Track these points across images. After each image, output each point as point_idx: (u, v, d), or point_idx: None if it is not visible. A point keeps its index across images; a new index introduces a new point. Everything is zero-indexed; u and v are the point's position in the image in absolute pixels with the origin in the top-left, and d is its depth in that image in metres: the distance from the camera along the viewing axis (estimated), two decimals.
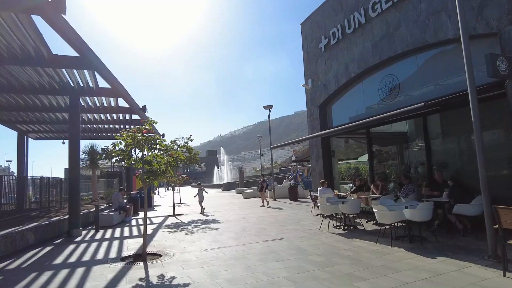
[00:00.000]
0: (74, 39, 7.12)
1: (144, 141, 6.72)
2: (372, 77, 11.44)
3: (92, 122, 15.37)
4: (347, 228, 9.01)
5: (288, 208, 14.71)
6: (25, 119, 14.65)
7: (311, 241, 7.76)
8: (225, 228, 10.36)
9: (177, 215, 14.77)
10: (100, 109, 13.09)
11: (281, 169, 64.77)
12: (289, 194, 19.10)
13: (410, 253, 6.16)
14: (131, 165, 6.99)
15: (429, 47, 9.12)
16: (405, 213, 6.88)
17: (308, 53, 14.54)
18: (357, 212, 8.94)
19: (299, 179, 28.08)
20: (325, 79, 13.31)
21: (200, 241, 8.50)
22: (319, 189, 11.22)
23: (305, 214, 12.41)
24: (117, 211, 13.21)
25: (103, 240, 9.34)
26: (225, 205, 18.33)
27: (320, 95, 13.60)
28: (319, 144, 13.59)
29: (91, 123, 15.42)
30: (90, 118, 15.19)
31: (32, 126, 16.38)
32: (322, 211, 9.25)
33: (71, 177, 10.37)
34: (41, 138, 19.19)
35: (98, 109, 13.11)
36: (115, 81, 9.85)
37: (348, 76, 12.07)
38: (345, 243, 7.33)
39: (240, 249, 7.32)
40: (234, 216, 13.12)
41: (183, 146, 15.99)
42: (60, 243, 8.99)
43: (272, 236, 8.52)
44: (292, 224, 10.28)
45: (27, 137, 17.24)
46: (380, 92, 11.03)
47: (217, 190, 38.81)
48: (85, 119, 15.09)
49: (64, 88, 10.43)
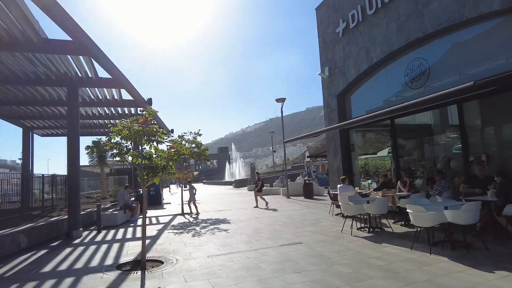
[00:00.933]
0: (63, 19, 6.31)
1: (141, 132, 5.85)
2: (397, 62, 10.31)
3: (96, 116, 14.68)
4: (372, 231, 7.98)
5: (304, 207, 13.71)
6: (28, 114, 14.06)
7: (334, 246, 6.77)
8: (236, 229, 9.46)
9: (186, 214, 13.97)
10: (103, 102, 12.34)
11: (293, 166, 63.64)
12: (304, 192, 18.08)
13: (457, 263, 5.10)
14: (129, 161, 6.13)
15: (467, 24, 7.95)
16: (446, 215, 5.82)
17: (324, 39, 13.44)
18: (384, 213, 7.89)
19: (313, 175, 26.99)
20: (344, 66, 12.21)
21: (208, 244, 7.62)
22: (339, 186, 10.19)
23: (323, 214, 11.39)
24: (122, 210, 12.48)
25: (103, 242, 8.57)
26: (236, 203, 17.45)
27: (338, 84, 12.51)
28: (337, 138, 12.53)
29: (95, 117, 14.73)
30: (94, 112, 14.50)
31: (37, 122, 15.82)
32: (345, 211, 8.24)
33: (70, 175, 9.63)
34: (48, 134, 18.67)
35: (101, 102, 12.36)
36: (114, 68, 9.03)
37: (369, 61, 10.95)
38: (374, 249, 6.31)
39: (252, 255, 6.39)
40: (245, 216, 12.22)
41: (191, 141, 15.27)
42: (57, 246, 8.26)
43: (288, 240, 7.57)
44: (309, 226, 9.30)
45: (32, 133, 16.72)
46: (406, 79, 9.90)
47: (229, 187, 38.03)
48: (89, 113, 14.42)
49: (61, 79, 9.69)
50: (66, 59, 8.92)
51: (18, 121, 14.94)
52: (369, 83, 11.60)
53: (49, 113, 14.11)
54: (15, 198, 13.72)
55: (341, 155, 12.33)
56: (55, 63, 8.96)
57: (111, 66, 8.92)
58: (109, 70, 9.05)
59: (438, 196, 7.77)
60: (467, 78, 7.96)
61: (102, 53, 8.16)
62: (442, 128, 10.54)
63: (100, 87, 10.69)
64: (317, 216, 11.03)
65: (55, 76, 9.66)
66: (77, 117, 9.87)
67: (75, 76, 9.80)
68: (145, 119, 5.87)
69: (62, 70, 9.43)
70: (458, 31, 8.30)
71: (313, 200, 16.64)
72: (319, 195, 18.77)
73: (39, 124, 16.24)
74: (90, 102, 12.22)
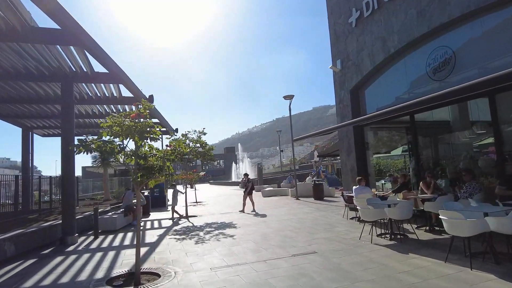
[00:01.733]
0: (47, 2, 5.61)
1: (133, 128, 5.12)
2: (417, 52, 9.45)
3: (96, 115, 14.06)
4: (394, 237, 7.15)
5: (314, 209, 12.89)
6: (25, 113, 13.51)
7: (353, 257, 5.96)
8: (242, 235, 8.69)
9: (190, 217, 13.25)
10: (101, 99, 11.68)
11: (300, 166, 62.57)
12: (314, 193, 17.23)
13: (508, 283, 4.26)
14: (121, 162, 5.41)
15: (500, 5, 7.07)
16: (489, 223, 4.97)
17: (335, 30, 12.61)
18: (409, 217, 7.05)
19: (322, 175, 26.09)
20: (357, 59, 11.37)
21: (212, 253, 6.86)
22: (355, 188, 9.36)
23: (336, 217, 10.56)
24: (123, 212, 11.81)
25: (98, 250, 7.87)
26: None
27: (352, 78, 11.67)
28: (351, 135, 11.68)
29: (94, 116, 14.10)
30: (94, 111, 13.89)
31: (36, 122, 15.29)
32: (364, 216, 7.40)
33: (64, 176, 8.96)
34: (49, 134, 18.15)
35: (100, 100, 11.71)
36: (111, 61, 8.35)
37: (386, 52, 10.09)
38: (401, 261, 5.49)
39: (261, 268, 5.61)
40: (252, 219, 11.44)
41: (195, 141, 14.54)
42: (48, 255, 7.58)
43: (300, 249, 6.77)
44: (323, 231, 8.49)
45: (32, 133, 16.21)
46: (428, 70, 9.02)
47: (235, 188, 37.28)
48: (89, 112, 13.81)
49: (54, 74, 9.04)
50: (58, 52, 8.24)
51: (17, 120, 14.41)
52: (386, 76, 10.73)
53: (47, 112, 13.54)
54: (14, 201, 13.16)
55: (355, 153, 11.48)
56: (47, 56, 8.30)
57: (106, 59, 8.23)
58: (104, 63, 8.35)
59: (470, 199, 6.91)
60: (497, 68, 7.07)
61: (95, 44, 7.47)
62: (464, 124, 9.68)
63: (97, 83, 10.02)
64: (330, 220, 10.21)
65: (48, 71, 9.02)
66: (71, 114, 9.20)
67: (70, 71, 9.15)
68: (137, 113, 5.14)
69: (55, 64, 8.78)
70: (489, 14, 7.42)
71: (324, 201, 15.80)
72: (330, 196, 17.92)
73: (38, 124, 15.70)
74: (87, 100, 11.58)
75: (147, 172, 5.41)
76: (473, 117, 9.55)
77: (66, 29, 6.63)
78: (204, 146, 14.31)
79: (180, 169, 44.13)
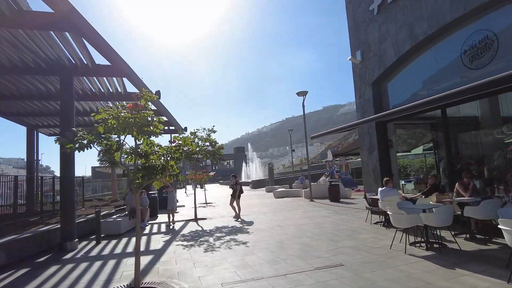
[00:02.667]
0: None
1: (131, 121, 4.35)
2: (451, 38, 8.46)
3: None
4: (431, 247, 6.22)
5: (332, 212, 11.98)
6: (28, 111, 12.96)
7: (388, 271, 5.07)
8: (256, 241, 7.87)
9: (199, 219, 12.51)
10: (105, 96, 11.02)
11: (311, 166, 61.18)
12: (329, 194, 16.30)
13: None
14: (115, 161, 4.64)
15: None
16: None
17: (354, 19, 11.68)
18: (449, 224, 6.12)
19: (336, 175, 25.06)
20: (380, 49, 10.42)
21: (222, 264, 6.06)
22: (381, 189, 8.44)
23: (358, 222, 9.64)
24: (128, 215, 11.14)
25: (98, 258, 7.15)
26: (255, 206, 15.84)
27: (373, 70, 10.72)
28: (373, 132, 10.73)
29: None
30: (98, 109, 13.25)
31: (41, 120, 14.75)
32: (396, 222, 6.47)
33: (63, 178, 8.27)
34: (55, 134, 17.56)
35: (103, 96, 11.05)
36: (112, 52, 7.62)
37: (413, 40, 9.13)
38: (449, 279, 4.57)
39: (281, 285, 4.77)
40: (266, 223, 10.60)
41: (205, 139, 13.77)
42: (43, 263, 6.89)
43: (324, 260, 5.90)
44: (346, 238, 7.59)
45: (37, 132, 15.71)
46: (464, 57, 8.04)
47: (246, 188, 36.48)
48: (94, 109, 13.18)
49: (52, 67, 8.37)
50: (55, 43, 7.56)
51: (20, 119, 13.89)
52: (412, 67, 9.76)
53: (51, 109, 12.95)
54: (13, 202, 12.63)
55: (378, 152, 10.53)
56: (43, 47, 7.63)
57: (107, 49, 7.50)
58: (105, 54, 7.63)
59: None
60: None
61: (93, 30, 6.74)
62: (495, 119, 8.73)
63: (98, 76, 9.34)
64: (352, 224, 9.29)
65: (45, 63, 8.37)
66: (71, 110, 8.53)
67: (69, 63, 8.48)
68: (134, 103, 4.36)
69: (52, 56, 8.12)
70: None
71: (341, 203, 14.86)
72: (346, 197, 16.97)
73: (43, 123, 15.18)
74: (90, 96, 10.94)
75: (148, 172, 4.63)
76: (504, 112, 8.63)
77: (60, 13, 5.92)
78: (214, 144, 13.53)
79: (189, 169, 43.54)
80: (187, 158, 14.05)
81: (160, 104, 12.68)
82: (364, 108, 11.08)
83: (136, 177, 4.58)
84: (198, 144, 13.16)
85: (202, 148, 13.40)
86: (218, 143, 13.68)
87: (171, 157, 4.66)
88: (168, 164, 4.69)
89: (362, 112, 11.15)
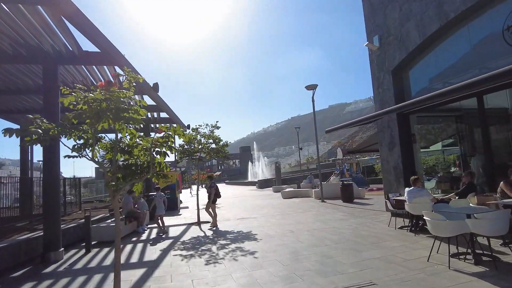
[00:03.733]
0: None
1: (104, 104, 3.34)
2: (488, 13, 7.30)
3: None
4: (479, 260, 5.12)
5: (348, 215, 10.88)
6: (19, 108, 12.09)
7: None
8: (266, 251, 6.82)
9: (202, 223, 11.50)
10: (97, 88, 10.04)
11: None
12: (342, 194, 15.20)
13: None
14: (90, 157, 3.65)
15: None
16: None
17: (370, 1, 10.56)
18: (504, 233, 5.01)
19: (347, 174, 23.89)
20: (401, 32, 9.29)
21: (226, 281, 5.03)
22: (408, 190, 7.33)
23: (380, 226, 8.54)
24: (125, 220, 10.17)
25: (83, 271, 6.16)
26: (262, 208, 14.79)
27: (394, 56, 9.60)
28: (394, 126, 9.61)
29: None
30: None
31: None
32: (436, 230, 5.34)
33: (46, 180, 7.29)
34: None
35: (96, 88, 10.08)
36: (99, 35, 6.64)
37: (443, 19, 7.98)
38: None
39: None
40: (276, 227, 9.54)
41: (208, 136, 12.76)
42: (17, 278, 5.93)
43: (349, 277, 4.83)
44: (371, 247, 6.50)
45: None
46: (506, 35, 6.90)
47: (252, 188, 35.48)
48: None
49: (34, 54, 7.43)
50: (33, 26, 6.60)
51: (10, 116, 13.02)
52: (439, 50, 8.62)
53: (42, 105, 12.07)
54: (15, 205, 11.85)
55: (400, 148, 9.39)
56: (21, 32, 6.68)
57: (93, 32, 6.53)
58: (92, 38, 6.65)
59: None
60: None
61: (74, 6, 5.76)
62: None
63: (86, 64, 8.39)
64: (373, 229, 8.19)
65: (27, 51, 7.42)
66: (55, 104, 7.55)
67: (53, 50, 7.52)
68: (108, 80, 3.36)
69: (33, 42, 7.16)
70: None
71: (355, 204, 13.75)
72: (359, 198, 15.85)
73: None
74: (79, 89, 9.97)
75: (129, 172, 3.62)
76: None
77: None
78: (218, 142, 12.52)
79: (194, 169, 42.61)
80: (190, 157, 13.07)
81: (159, 99, 11.70)
82: (383, 99, 9.94)
83: (114, 178, 3.57)
84: (200, 141, 12.18)
85: (205, 146, 12.41)
86: (222, 140, 12.67)
87: (158, 151, 3.62)
88: (155, 160, 3.66)
89: (381, 104, 10.02)
